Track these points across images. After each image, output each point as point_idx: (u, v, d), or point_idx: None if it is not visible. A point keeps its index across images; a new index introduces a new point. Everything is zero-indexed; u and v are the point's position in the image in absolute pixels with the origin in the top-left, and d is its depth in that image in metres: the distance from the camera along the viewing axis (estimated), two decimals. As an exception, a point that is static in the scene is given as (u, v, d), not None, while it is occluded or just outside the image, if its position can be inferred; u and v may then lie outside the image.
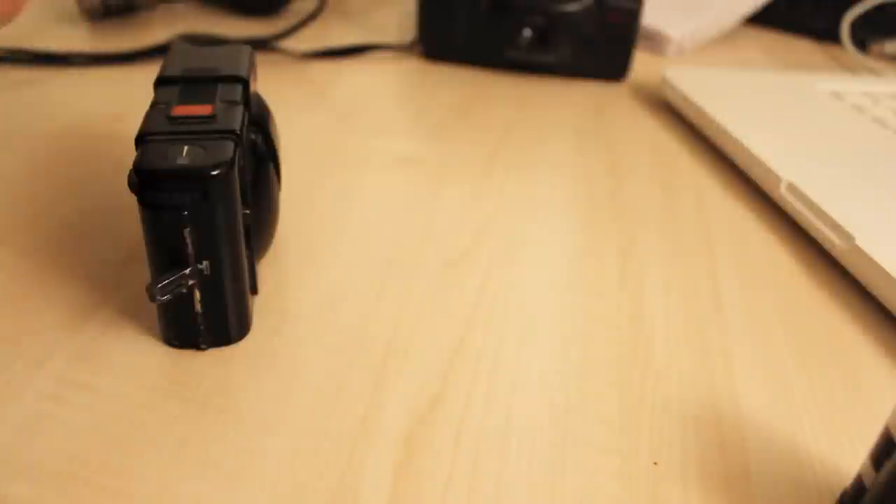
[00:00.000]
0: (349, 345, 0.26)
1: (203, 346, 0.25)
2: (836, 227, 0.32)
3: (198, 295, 0.24)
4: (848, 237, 0.31)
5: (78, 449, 0.21)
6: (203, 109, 0.24)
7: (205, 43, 0.52)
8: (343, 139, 0.41)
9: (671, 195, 0.38)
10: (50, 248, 0.30)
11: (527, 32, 0.51)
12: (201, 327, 0.24)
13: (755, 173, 0.38)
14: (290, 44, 0.55)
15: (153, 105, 0.25)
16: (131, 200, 0.33)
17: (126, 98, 0.44)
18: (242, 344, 0.25)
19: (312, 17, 0.56)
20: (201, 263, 0.23)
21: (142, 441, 0.21)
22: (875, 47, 0.64)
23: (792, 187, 0.35)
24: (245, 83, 0.27)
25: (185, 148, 0.22)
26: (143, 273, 0.29)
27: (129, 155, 0.37)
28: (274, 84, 0.48)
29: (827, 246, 0.33)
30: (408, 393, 0.24)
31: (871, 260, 0.30)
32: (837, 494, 0.22)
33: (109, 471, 0.20)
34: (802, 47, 0.66)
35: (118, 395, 0.23)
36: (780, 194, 0.36)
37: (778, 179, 0.36)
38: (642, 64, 0.58)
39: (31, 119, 0.41)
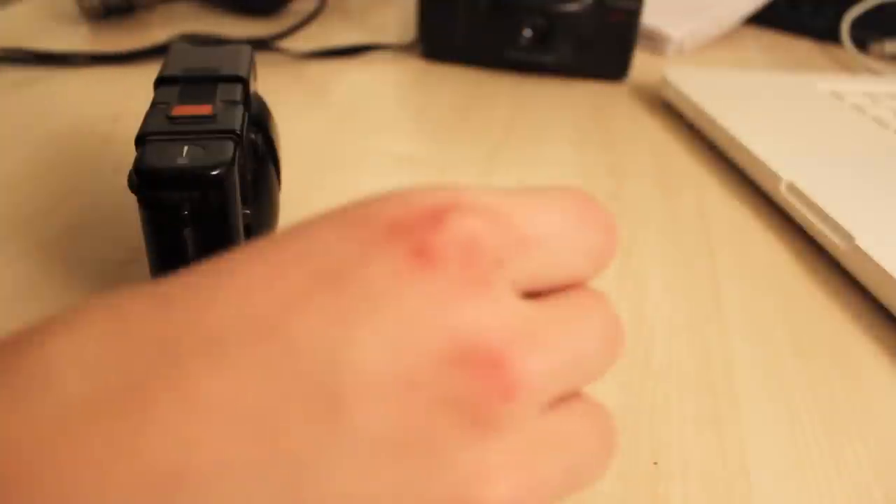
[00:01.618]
0: (349, 345, 0.26)
1: (203, 346, 0.25)
2: (836, 227, 0.32)
3: (198, 295, 0.24)
4: (848, 237, 0.31)
5: (78, 449, 0.21)
6: (203, 109, 0.24)
7: (205, 43, 0.52)
8: (343, 139, 0.41)
9: (671, 195, 0.38)
10: (50, 248, 0.30)
11: (527, 32, 0.51)
12: (201, 327, 0.24)
13: (755, 173, 0.38)
14: (290, 44, 0.55)
15: (153, 105, 0.25)
16: (131, 200, 0.33)
17: (126, 98, 0.44)
18: (242, 344, 0.25)
19: (312, 17, 0.56)
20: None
21: (142, 441, 0.21)
22: (875, 47, 0.64)
23: (792, 187, 0.35)
24: (245, 83, 0.27)
25: (185, 148, 0.22)
26: (143, 273, 0.29)
27: (129, 155, 0.37)
28: (274, 84, 0.48)
29: (827, 246, 0.33)
30: (408, 393, 0.24)
31: (871, 260, 0.30)
32: (838, 496, 0.22)
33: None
34: (802, 47, 0.66)
35: (118, 395, 0.23)
36: (780, 194, 0.36)
37: (778, 179, 0.36)
38: (642, 64, 0.58)
39: (31, 119, 0.41)
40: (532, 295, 0.15)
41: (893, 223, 0.32)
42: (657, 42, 0.61)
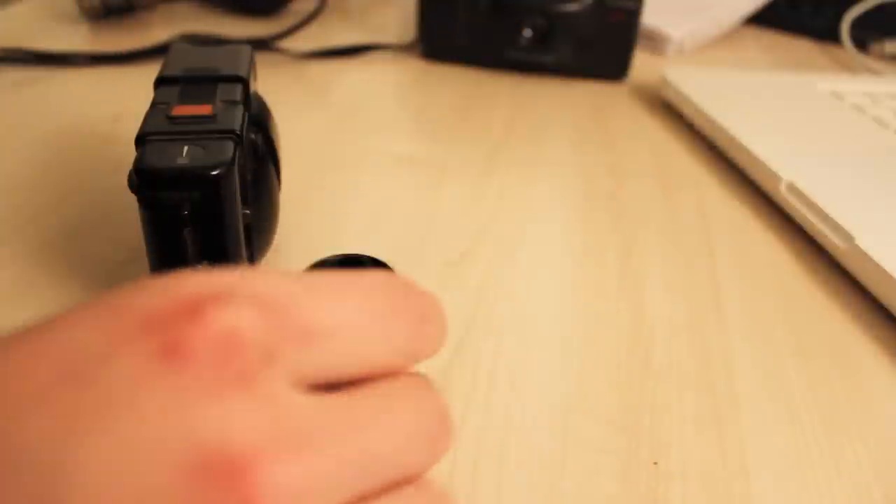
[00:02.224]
0: (349, 345, 0.26)
1: (203, 346, 0.25)
2: (836, 227, 0.32)
3: (198, 295, 0.24)
4: (848, 237, 0.31)
5: (78, 449, 0.21)
6: (203, 109, 0.24)
7: (205, 43, 0.52)
8: (343, 139, 0.41)
9: (671, 195, 0.38)
10: (50, 248, 0.30)
11: (527, 32, 0.51)
12: (201, 327, 0.24)
13: (755, 173, 0.38)
14: (290, 44, 0.55)
15: (153, 105, 0.25)
16: (131, 200, 0.33)
17: (126, 98, 0.44)
18: (242, 344, 0.25)
19: (312, 17, 0.56)
20: (201, 263, 0.23)
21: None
22: (875, 47, 0.64)
23: (792, 187, 0.35)
24: (245, 83, 0.27)
25: (185, 148, 0.22)
26: (144, 273, 0.29)
27: (129, 155, 0.37)
28: (274, 84, 0.48)
29: (827, 246, 0.33)
30: (408, 393, 0.24)
31: (871, 260, 0.30)
32: (838, 496, 0.22)
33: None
34: (802, 47, 0.66)
35: (118, 395, 0.23)
36: (780, 194, 0.36)
37: (778, 179, 0.36)
38: (642, 64, 0.58)
39: (31, 119, 0.41)
40: (335, 387, 0.14)
41: (893, 223, 0.32)
42: (657, 42, 0.61)
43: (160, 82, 0.26)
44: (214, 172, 0.22)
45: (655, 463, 0.22)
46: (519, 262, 0.31)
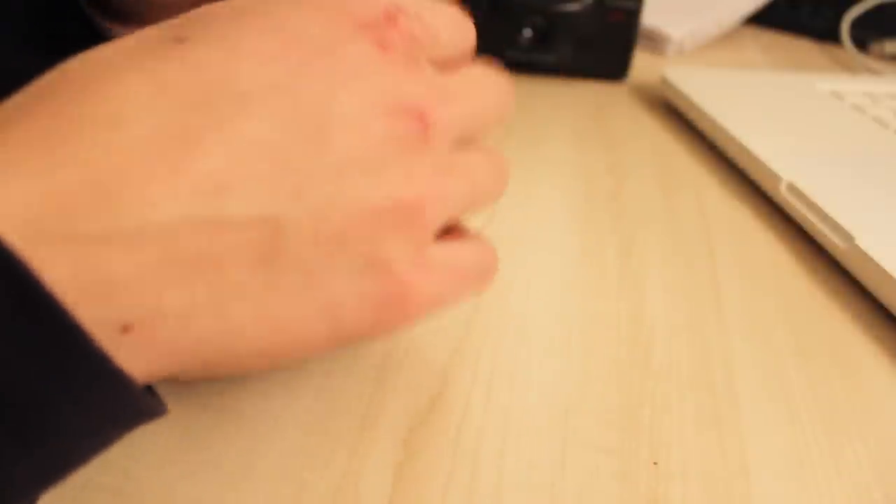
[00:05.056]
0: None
1: (203, 346, 0.25)
2: (836, 227, 0.32)
3: (198, 295, 0.24)
4: (848, 237, 0.31)
5: (78, 449, 0.21)
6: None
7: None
8: (343, 139, 0.41)
9: (671, 195, 0.38)
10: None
11: (527, 32, 0.51)
12: (201, 327, 0.24)
13: (755, 173, 0.38)
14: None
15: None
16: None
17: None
18: (242, 344, 0.25)
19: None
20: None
21: (142, 441, 0.21)
22: (875, 47, 0.64)
23: (792, 187, 0.35)
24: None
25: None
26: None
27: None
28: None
29: (827, 246, 0.33)
30: (408, 393, 0.24)
31: (871, 260, 0.30)
32: (838, 496, 0.22)
33: (109, 471, 0.20)
34: (802, 47, 0.66)
35: (118, 395, 0.23)
36: (780, 194, 0.36)
37: (778, 179, 0.36)
38: (642, 64, 0.58)
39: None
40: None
41: (893, 223, 0.32)
42: (657, 42, 0.61)
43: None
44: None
45: (655, 463, 0.22)
46: (519, 261, 0.31)
